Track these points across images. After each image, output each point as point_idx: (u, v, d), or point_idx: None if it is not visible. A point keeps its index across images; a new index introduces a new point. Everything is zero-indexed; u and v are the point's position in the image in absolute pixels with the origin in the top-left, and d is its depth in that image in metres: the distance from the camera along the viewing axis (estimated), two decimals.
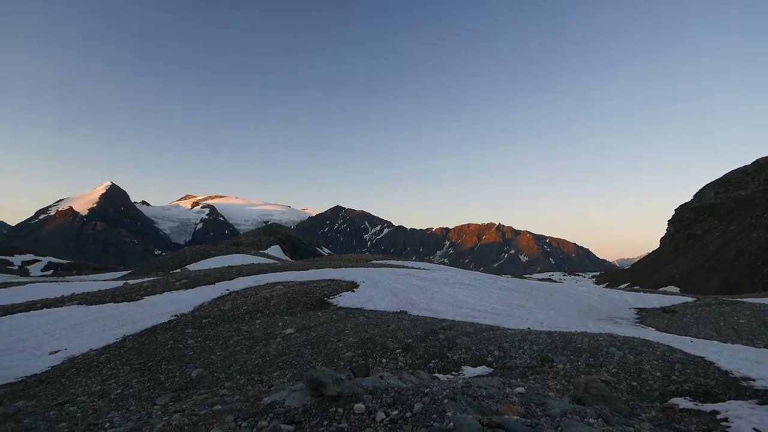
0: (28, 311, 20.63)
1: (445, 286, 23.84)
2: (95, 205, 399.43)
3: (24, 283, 38.16)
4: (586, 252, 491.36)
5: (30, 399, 9.66)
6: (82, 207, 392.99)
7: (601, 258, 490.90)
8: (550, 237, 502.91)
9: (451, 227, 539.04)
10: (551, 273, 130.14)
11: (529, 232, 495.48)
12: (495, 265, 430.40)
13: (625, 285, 77.88)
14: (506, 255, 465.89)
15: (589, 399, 6.09)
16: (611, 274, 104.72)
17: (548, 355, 9.48)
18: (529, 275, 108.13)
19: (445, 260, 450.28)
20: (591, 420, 4.84)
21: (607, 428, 4.64)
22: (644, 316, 20.82)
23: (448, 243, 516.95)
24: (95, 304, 21.42)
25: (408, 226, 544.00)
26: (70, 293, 25.95)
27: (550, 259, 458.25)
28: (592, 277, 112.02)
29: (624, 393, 7.67)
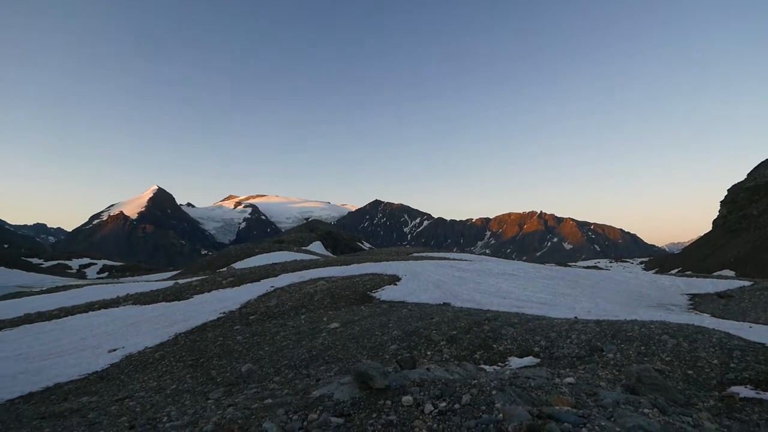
0: (87, 312, 21.64)
1: (487, 277, 23.61)
2: (144, 208, 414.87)
3: (82, 286, 40.05)
4: (633, 238, 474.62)
5: (93, 395, 10.14)
6: (132, 211, 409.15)
7: (649, 243, 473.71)
8: (594, 223, 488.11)
9: (491, 217, 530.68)
10: (597, 260, 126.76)
11: (573, 220, 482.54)
12: (537, 254, 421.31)
13: (676, 270, 75.00)
14: (549, 243, 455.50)
15: (642, 389, 5.91)
16: (661, 260, 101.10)
17: (597, 344, 9.24)
18: (573, 263, 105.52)
19: (486, 251, 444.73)
20: (646, 410, 4.69)
21: (664, 418, 4.49)
22: (698, 302, 20.03)
23: (488, 233, 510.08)
24: (148, 304, 22.23)
25: (447, 218, 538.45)
26: (124, 294, 27.04)
27: (595, 246, 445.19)
28: (641, 263, 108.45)
29: (679, 382, 7.40)
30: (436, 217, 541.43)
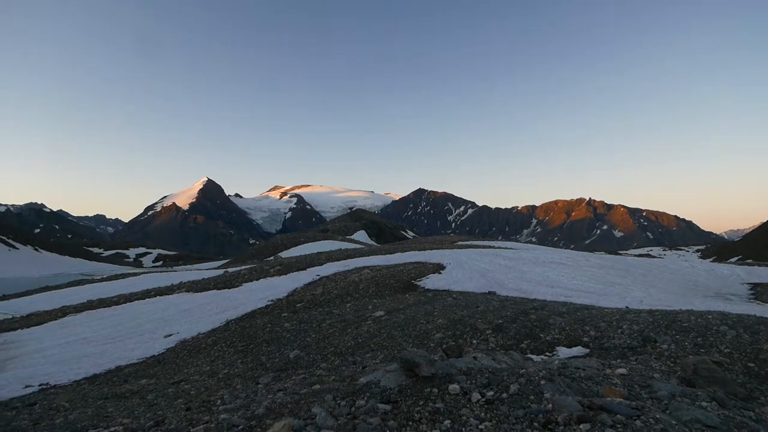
0: (144, 299, 22.66)
1: (534, 266, 23.28)
2: (194, 200, 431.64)
3: (138, 274, 42.02)
4: (688, 224, 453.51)
5: (151, 378, 10.64)
6: (184, 202, 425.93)
7: (706, 230, 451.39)
8: (646, 210, 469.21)
9: (537, 205, 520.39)
10: (649, 248, 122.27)
11: (623, 206, 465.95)
12: (586, 242, 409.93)
13: (736, 258, 71.38)
14: (598, 231, 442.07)
15: (699, 381, 5.67)
16: (719, 248, 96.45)
17: (650, 334, 8.93)
18: (624, 252, 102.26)
19: (533, 239, 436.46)
20: (703, 403, 4.51)
21: (723, 412, 4.31)
22: (760, 292, 18.99)
23: (534, 221, 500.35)
24: (200, 292, 23.04)
25: (492, 206, 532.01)
26: (178, 282, 28.08)
27: (648, 233, 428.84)
28: (697, 251, 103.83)
29: (739, 375, 7.06)
30: (480, 205, 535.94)
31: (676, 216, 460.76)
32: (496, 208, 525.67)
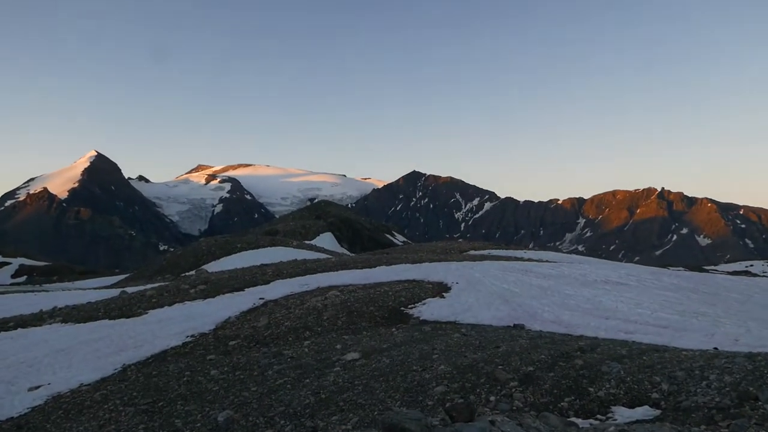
0: None
1: (580, 287, 23.48)
2: (77, 184, 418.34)
3: None
4: None
5: None
6: (60, 188, 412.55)
7: None
8: (745, 206, 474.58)
9: (586, 197, 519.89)
10: (749, 263, 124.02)
11: (711, 201, 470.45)
12: (657, 252, 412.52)
13: None
14: (674, 237, 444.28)
15: None
16: None
17: (749, 389, 9.01)
18: (712, 267, 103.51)
19: (579, 247, 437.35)
20: None
21: None
22: None
23: (582, 221, 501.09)
24: (84, 322, 22.71)
25: (520, 198, 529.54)
26: (50, 307, 27.41)
27: (747, 240, 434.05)
28: None
29: None
30: (502, 196, 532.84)
31: None
32: (526, 202, 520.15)
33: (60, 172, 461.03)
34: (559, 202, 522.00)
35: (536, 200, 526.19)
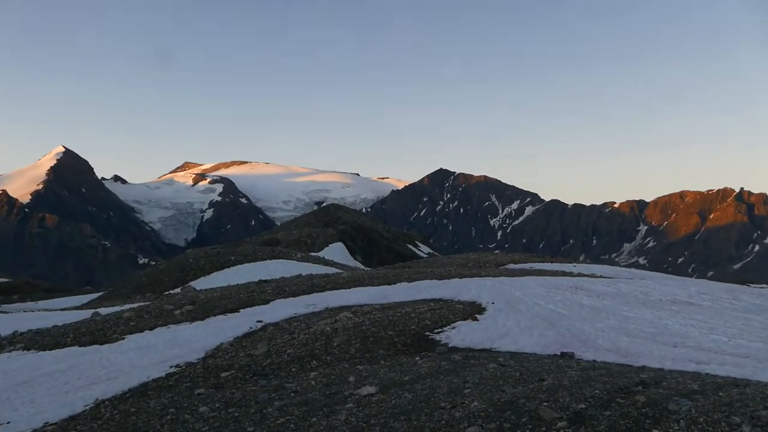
0: None
1: (642, 307, 23.32)
2: (41, 186, 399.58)
3: None
4: None
5: None
6: (22, 190, 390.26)
7: None
8: None
9: (648, 199, 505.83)
10: None
11: None
12: (735, 266, 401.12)
13: None
14: (756, 247, 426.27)
15: None
16: None
17: None
18: None
19: (640, 260, 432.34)
20: None
21: None
22: None
23: (643, 228, 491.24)
24: (50, 349, 22.63)
25: (568, 201, 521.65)
26: (9, 332, 27.64)
27: None
28: None
29: None
30: (547, 199, 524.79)
31: None
32: (576, 206, 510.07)
33: (21, 172, 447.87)
34: (616, 205, 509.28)
35: (587, 203, 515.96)
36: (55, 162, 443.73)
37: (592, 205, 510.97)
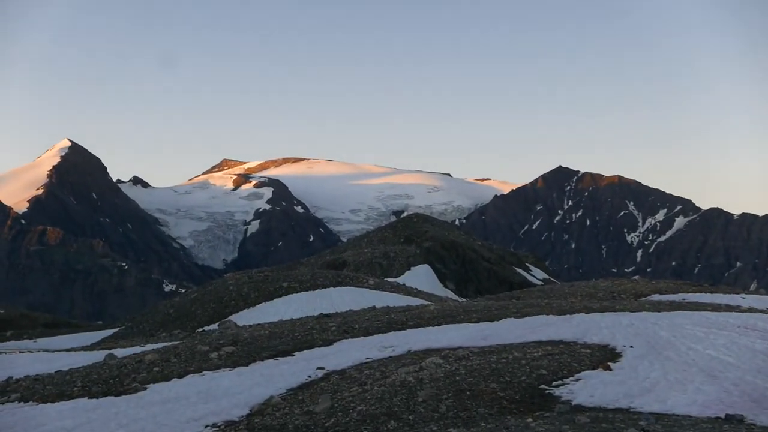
0: None
1: None
2: (41, 190, 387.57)
3: None
4: None
5: None
6: (18, 197, 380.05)
7: None
8: None
9: None
10: None
11: None
12: None
13: None
14: None
15: None
16: None
17: None
18: None
19: None
20: None
21: None
22: None
23: None
24: (53, 402, 22.47)
25: (734, 210, 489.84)
26: (4, 378, 27.89)
27: None
28: None
29: None
30: (704, 207, 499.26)
31: None
32: (744, 216, 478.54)
33: (16, 173, 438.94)
34: None
35: (761, 213, 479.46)
36: (58, 160, 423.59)
37: (766, 215, 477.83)
